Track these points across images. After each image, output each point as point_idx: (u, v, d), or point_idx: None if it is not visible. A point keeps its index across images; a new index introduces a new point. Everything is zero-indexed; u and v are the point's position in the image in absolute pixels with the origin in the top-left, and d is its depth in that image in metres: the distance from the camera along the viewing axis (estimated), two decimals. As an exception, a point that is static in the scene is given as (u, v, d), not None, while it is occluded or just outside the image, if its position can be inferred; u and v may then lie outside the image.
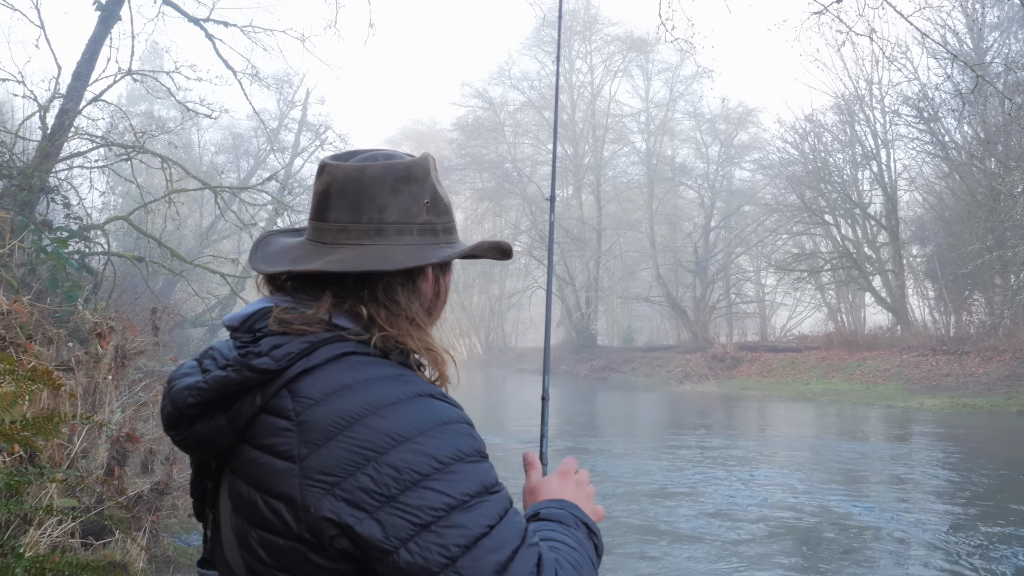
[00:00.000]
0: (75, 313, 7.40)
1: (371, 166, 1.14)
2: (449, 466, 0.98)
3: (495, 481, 1.03)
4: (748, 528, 8.15)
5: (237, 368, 1.03)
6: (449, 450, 0.99)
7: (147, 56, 29.42)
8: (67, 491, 4.71)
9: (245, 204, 18.05)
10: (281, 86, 30.46)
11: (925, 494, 9.92)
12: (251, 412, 1.03)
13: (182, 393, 1.05)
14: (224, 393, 1.03)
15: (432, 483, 0.97)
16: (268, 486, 1.00)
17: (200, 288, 20.45)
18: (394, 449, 0.97)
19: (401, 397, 1.02)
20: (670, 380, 31.54)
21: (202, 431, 1.06)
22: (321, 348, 1.05)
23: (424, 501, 0.96)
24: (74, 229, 12.34)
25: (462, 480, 0.98)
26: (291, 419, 1.01)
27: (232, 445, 1.05)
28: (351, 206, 1.13)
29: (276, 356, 1.03)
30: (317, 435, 0.98)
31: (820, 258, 34.24)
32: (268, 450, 1.01)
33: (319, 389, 1.02)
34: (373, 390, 1.02)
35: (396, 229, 1.14)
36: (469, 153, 45.81)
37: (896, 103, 29.90)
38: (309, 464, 0.97)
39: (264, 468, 1.00)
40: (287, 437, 1.00)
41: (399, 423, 0.99)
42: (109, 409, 5.83)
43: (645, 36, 40.35)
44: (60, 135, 12.78)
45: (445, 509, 0.96)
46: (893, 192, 30.88)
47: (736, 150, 41.14)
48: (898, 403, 21.79)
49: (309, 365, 1.03)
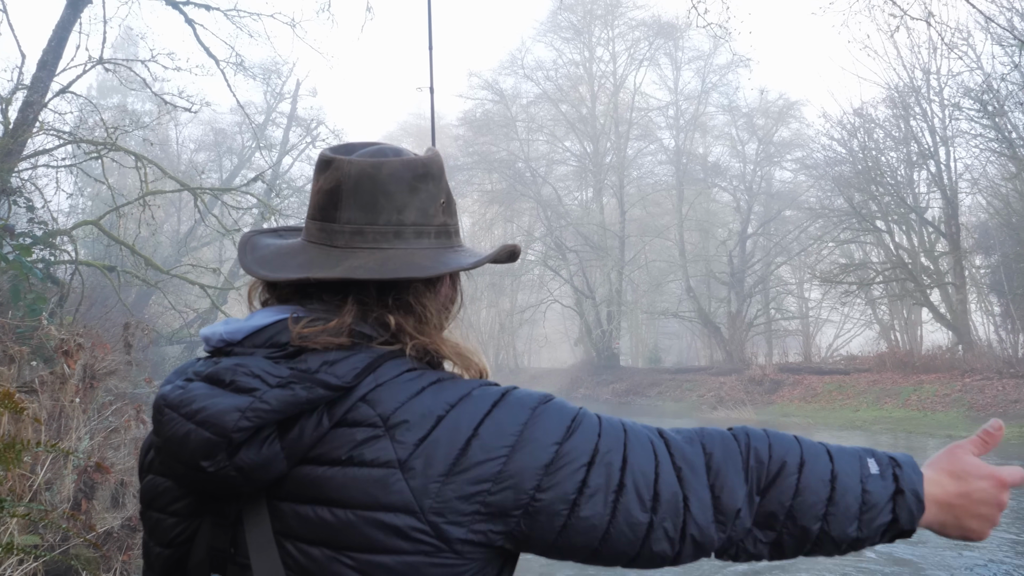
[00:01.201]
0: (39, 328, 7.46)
1: (388, 162, 1.16)
2: (534, 410, 1.09)
3: (574, 407, 1.14)
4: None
5: (307, 385, 1.03)
6: (525, 404, 1.10)
7: (120, 43, 29.74)
8: (29, 527, 4.74)
9: (228, 207, 18.17)
10: (268, 76, 30.73)
11: (993, 541, 9.80)
12: (318, 434, 1.04)
13: (230, 416, 1.01)
14: (289, 413, 1.03)
15: (529, 431, 1.07)
16: (369, 499, 1.02)
17: (177, 301, 20.59)
18: (482, 425, 1.06)
19: (470, 387, 1.11)
20: (702, 405, 31.42)
21: (248, 460, 1.02)
22: (388, 363, 1.10)
23: (534, 446, 1.06)
24: (38, 235, 12.45)
25: (550, 419, 1.09)
26: (378, 425, 1.04)
27: (283, 473, 1.05)
28: (367, 206, 1.15)
29: (339, 373, 1.05)
30: (412, 435, 1.04)
31: (871, 269, 34.09)
32: (355, 462, 1.03)
33: (397, 398, 1.07)
34: (447, 390, 1.10)
35: (415, 231, 1.17)
36: (477, 151, 45.97)
37: (957, 95, 29.80)
38: (414, 463, 1.02)
39: (357, 482, 1.02)
40: (377, 444, 1.04)
41: (477, 404, 1.08)
42: (76, 435, 5.86)
43: (674, 20, 40.47)
44: (23, 130, 12.92)
45: (557, 442, 1.07)
46: (953, 195, 30.73)
47: (776, 148, 41.10)
48: (959, 432, 21.60)
49: (380, 381, 1.08)
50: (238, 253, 1.23)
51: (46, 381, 5.48)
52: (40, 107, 13.62)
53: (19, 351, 5.56)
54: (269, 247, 1.22)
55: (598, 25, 44.88)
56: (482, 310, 53.88)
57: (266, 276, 1.16)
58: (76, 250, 15.30)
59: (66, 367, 5.56)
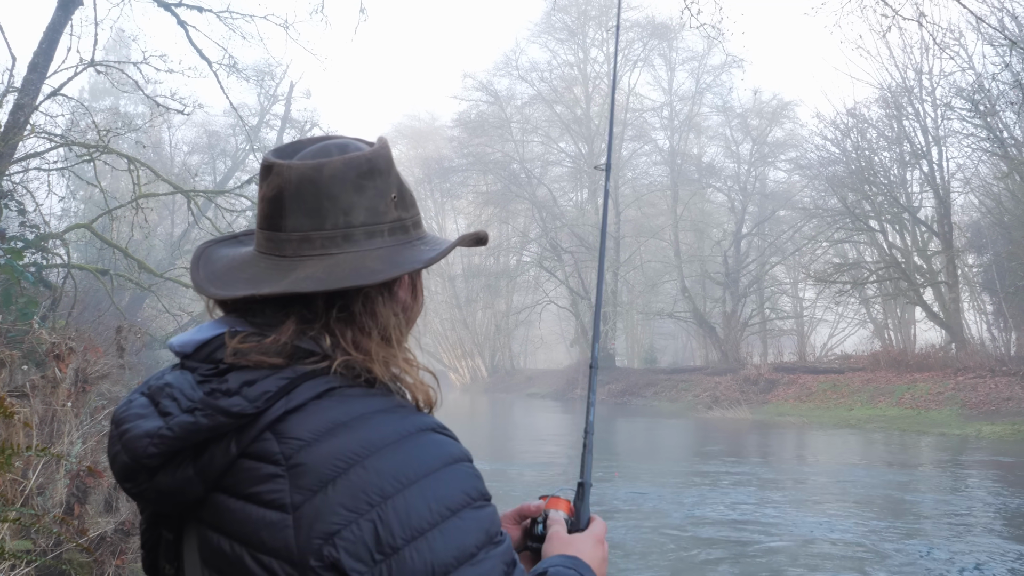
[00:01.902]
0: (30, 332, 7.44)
1: (328, 163, 1.10)
2: (458, 512, 0.99)
3: (499, 529, 1.04)
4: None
5: (208, 413, 0.99)
6: (457, 495, 1.00)
7: (112, 45, 29.69)
8: (21, 532, 4.72)
9: (222, 210, 18.12)
10: (262, 78, 30.67)
11: (987, 535, 9.84)
12: (226, 460, 1.00)
13: (140, 442, 1.01)
14: (192, 441, 1.00)
15: (440, 533, 0.97)
16: (257, 540, 0.97)
17: (171, 304, 20.53)
18: (399, 494, 0.97)
19: (402, 434, 1.02)
20: (697, 405, 31.45)
21: (165, 483, 1.01)
22: (302, 385, 1.03)
23: (433, 555, 0.96)
24: (30, 239, 12.41)
25: (471, 530, 0.99)
26: (280, 464, 0.98)
27: (200, 497, 1.02)
28: (311, 211, 1.09)
29: (251, 396, 1.00)
30: (312, 480, 0.97)
31: (865, 268, 34.17)
32: (254, 499, 0.99)
33: (309, 429, 1.00)
34: (370, 427, 1.01)
35: (365, 232, 1.11)
36: (472, 152, 45.98)
37: (949, 95, 29.90)
38: (305, 513, 0.96)
39: (251, 520, 0.98)
40: (277, 484, 0.98)
41: (402, 464, 0.99)
42: (68, 440, 5.85)
43: (668, 21, 40.56)
44: (14, 133, 12.87)
45: (455, 563, 0.97)
46: (946, 194, 30.84)
47: (770, 148, 41.20)
48: (953, 431, 21.67)
49: (291, 405, 1.01)
50: (191, 268, 1.18)
51: (38, 385, 5.47)
52: (31, 110, 13.57)
53: (10, 355, 5.54)
54: (223, 259, 1.18)
55: (592, 26, 44.98)
56: (478, 312, 53.89)
57: (214, 294, 1.12)
58: (68, 253, 15.23)
59: (58, 371, 5.55)
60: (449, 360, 57.21)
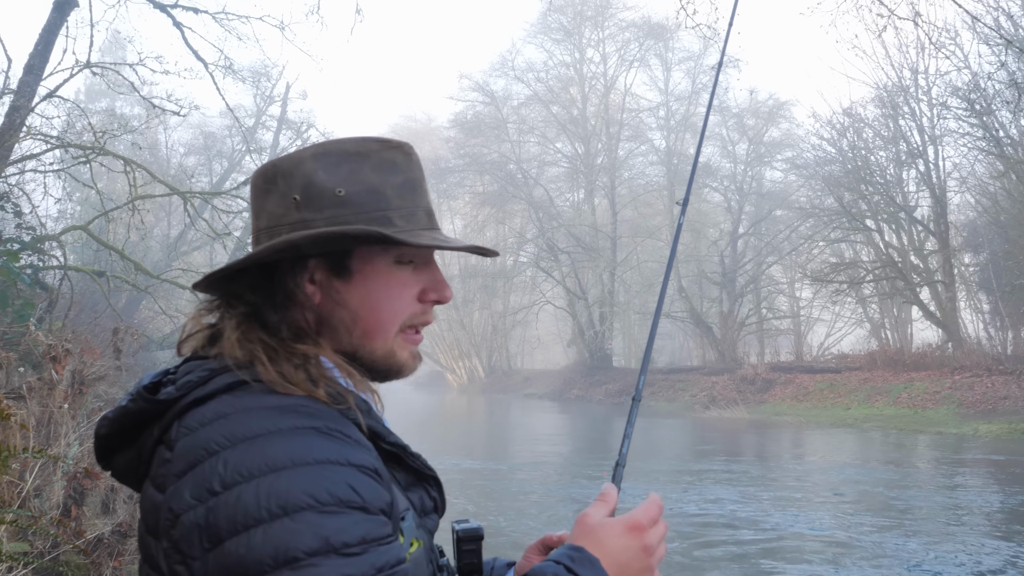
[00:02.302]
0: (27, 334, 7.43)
1: (254, 173, 1.19)
2: (292, 514, 0.92)
3: (358, 541, 0.93)
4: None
5: (133, 398, 1.08)
6: (298, 495, 0.93)
7: (108, 47, 29.67)
8: (18, 534, 4.72)
9: (218, 211, 18.12)
10: (258, 79, 30.67)
11: (979, 535, 9.87)
12: (151, 444, 1.06)
13: (100, 423, 1.11)
14: (124, 424, 1.08)
15: (263, 531, 0.92)
16: (147, 521, 1.02)
17: (168, 306, 20.50)
18: (236, 487, 0.94)
19: (271, 430, 0.99)
20: (694, 405, 31.49)
21: (120, 464, 1.11)
22: (220, 375, 1.06)
23: (249, 551, 0.91)
24: (26, 240, 12.40)
25: (301, 532, 0.91)
26: (171, 449, 1.02)
27: (143, 478, 1.08)
28: (254, 218, 1.19)
29: (179, 384, 1.06)
30: (179, 466, 0.99)
31: (861, 268, 34.22)
32: (153, 482, 1.03)
33: (198, 419, 1.02)
34: (244, 421, 1.00)
35: (268, 234, 1.14)
36: (468, 153, 45.96)
37: (945, 94, 29.99)
38: (168, 497, 0.98)
39: (146, 502, 1.03)
40: (165, 468, 1.01)
41: (252, 458, 0.96)
42: (65, 442, 5.85)
43: (664, 21, 40.57)
44: (10, 135, 12.86)
45: (271, 564, 0.90)
46: (942, 194, 30.90)
47: (766, 148, 41.24)
48: (950, 429, 21.71)
49: (202, 394, 1.04)
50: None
51: (34, 387, 5.47)
52: (27, 111, 13.55)
53: (6, 357, 5.54)
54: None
55: (588, 26, 44.96)
56: (475, 312, 53.87)
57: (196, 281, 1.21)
58: (65, 255, 15.23)
59: (54, 373, 5.55)
60: (446, 361, 57.21)
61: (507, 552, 1.40)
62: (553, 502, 12.46)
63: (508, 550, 1.37)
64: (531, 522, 10.71)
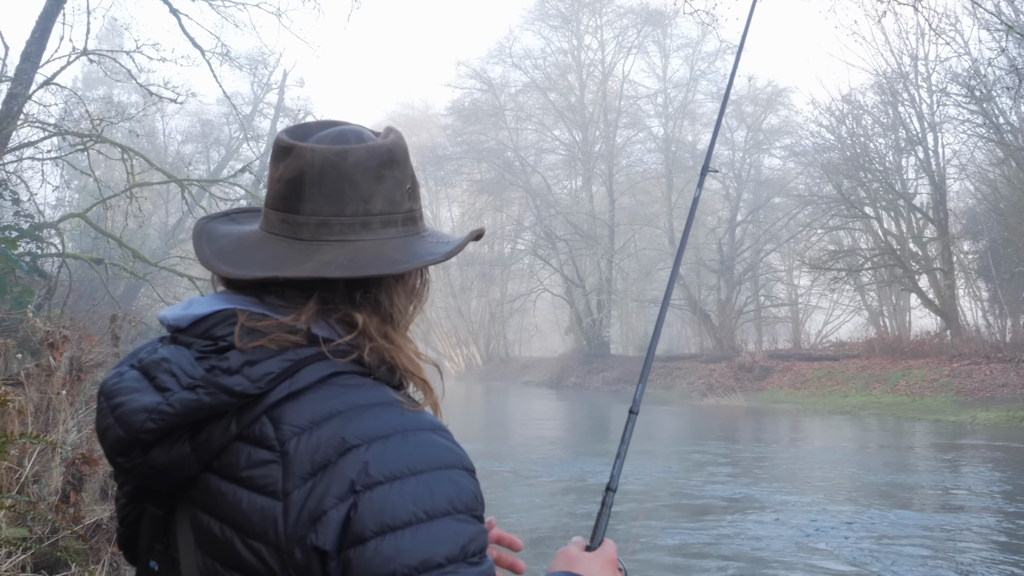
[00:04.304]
0: (24, 321, 7.43)
1: (353, 150, 1.10)
2: (436, 519, 0.97)
3: (480, 549, 1.00)
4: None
5: (210, 391, 0.99)
6: (440, 501, 0.98)
7: (105, 34, 29.58)
8: (17, 519, 4.73)
9: (216, 199, 18.09)
10: (255, 67, 30.57)
11: (979, 529, 9.91)
12: (224, 440, 1.00)
13: (137, 416, 1.00)
14: (193, 418, 0.99)
15: (411, 534, 0.95)
16: (247, 525, 0.98)
17: (166, 293, 20.50)
18: (380, 486, 0.96)
19: (398, 429, 1.01)
20: (692, 393, 31.54)
21: (160, 459, 1.01)
22: (305, 368, 1.03)
23: (397, 554, 0.94)
24: (24, 228, 12.40)
25: (444, 539, 0.96)
26: (274, 449, 0.98)
27: (194, 475, 1.02)
28: (332, 196, 1.09)
29: (253, 376, 0.99)
30: (305, 468, 0.97)
31: (860, 255, 34.22)
32: (246, 484, 0.99)
33: (306, 417, 1.00)
34: (367, 418, 1.01)
35: (382, 221, 1.11)
36: (466, 140, 45.88)
37: (944, 81, 29.90)
38: (294, 500, 0.96)
39: (242, 505, 0.98)
40: (269, 470, 0.98)
41: (392, 458, 0.98)
42: (64, 428, 5.85)
43: (662, 8, 40.44)
44: (8, 123, 12.83)
45: (419, 568, 0.94)
46: (941, 181, 30.87)
47: (765, 135, 41.17)
48: (948, 417, 21.77)
49: (293, 388, 1.01)
50: (194, 244, 1.16)
51: (32, 374, 5.47)
52: (24, 99, 13.52)
53: (4, 344, 5.53)
54: (227, 236, 1.16)
55: (586, 13, 44.79)
56: (472, 300, 53.90)
57: (227, 273, 1.10)
58: (63, 243, 15.21)
59: (52, 359, 5.54)
60: (444, 348, 57.26)
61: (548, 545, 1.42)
62: (552, 484, 12.50)
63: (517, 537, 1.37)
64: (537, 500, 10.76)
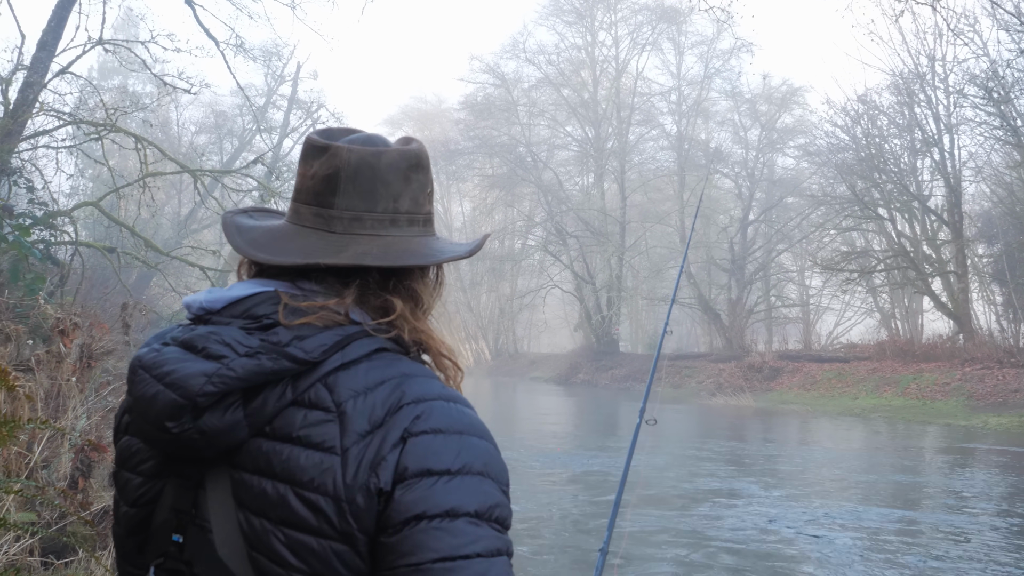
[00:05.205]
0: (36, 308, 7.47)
1: (388, 152, 1.20)
2: (469, 475, 1.06)
3: (504, 520, 1.08)
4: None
5: (273, 356, 1.06)
6: (479, 464, 1.08)
7: (120, 24, 29.67)
8: (25, 504, 4.76)
9: (228, 190, 18.14)
10: (269, 58, 30.59)
11: (990, 532, 9.86)
12: (279, 406, 1.07)
13: (196, 380, 1.05)
14: (254, 382, 1.06)
15: (451, 480, 1.04)
16: (305, 479, 1.04)
17: (178, 282, 20.62)
18: (425, 435, 1.06)
19: (445, 396, 1.12)
20: (701, 392, 31.48)
21: (212, 424, 1.06)
22: (355, 342, 1.12)
23: (430, 494, 1.03)
24: (38, 216, 12.46)
25: (477, 494, 1.05)
26: (331, 411, 1.07)
27: (243, 441, 1.08)
28: (365, 193, 1.18)
29: (307, 348, 1.08)
30: (363, 426, 1.05)
31: (872, 257, 34.07)
32: (302, 442, 1.05)
33: (360, 383, 1.09)
34: (417, 383, 1.11)
35: (408, 219, 1.21)
36: (478, 135, 45.85)
37: (962, 82, 29.65)
38: (353, 454, 1.04)
39: (299, 461, 1.05)
40: (327, 428, 1.05)
41: (438, 416, 1.08)
42: (73, 415, 5.88)
43: (677, 4, 40.31)
44: (23, 111, 12.90)
45: (448, 513, 1.03)
46: (957, 183, 30.67)
47: (779, 134, 40.98)
48: (959, 421, 21.65)
49: (345, 360, 1.10)
50: (226, 234, 1.25)
51: (43, 360, 5.50)
52: (40, 88, 13.59)
53: (15, 330, 5.56)
54: (256, 229, 1.24)
55: (600, 9, 44.67)
56: (482, 295, 53.93)
57: (267, 260, 1.18)
58: (76, 231, 15.29)
59: (62, 346, 5.57)
60: (453, 342, 57.21)
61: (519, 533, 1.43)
62: (561, 477, 12.52)
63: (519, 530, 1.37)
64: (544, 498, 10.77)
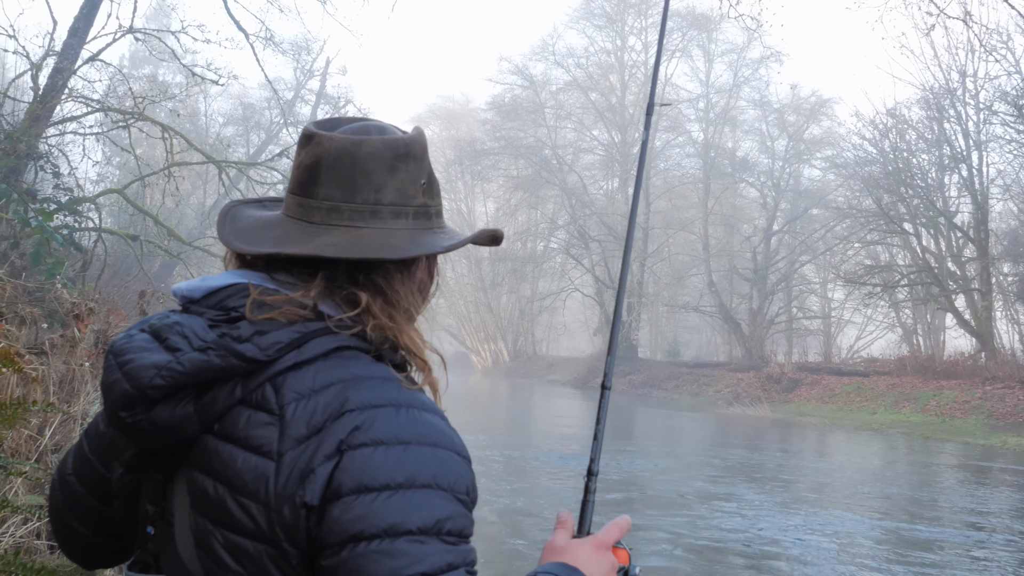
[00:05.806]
0: (52, 291, 7.52)
1: (368, 140, 1.14)
2: (413, 489, 1.00)
3: (458, 531, 1.01)
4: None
5: (221, 353, 1.03)
6: (424, 474, 1.01)
7: (152, 14, 29.92)
8: (35, 487, 4.78)
9: (253, 182, 18.26)
10: (298, 53, 30.83)
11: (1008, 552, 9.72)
12: (228, 403, 1.04)
13: (147, 372, 1.03)
14: (202, 379, 1.03)
15: (387, 498, 0.98)
16: (240, 483, 1.01)
17: (200, 273, 20.70)
18: (366, 448, 1.00)
19: (395, 402, 1.05)
20: (718, 401, 31.30)
21: (163, 417, 1.04)
22: (313, 340, 1.07)
23: (368, 513, 0.97)
24: (63, 201, 12.56)
25: (421, 507, 0.99)
26: (274, 413, 1.03)
27: (194, 436, 1.06)
28: (345, 183, 1.13)
29: (263, 345, 1.04)
30: (301, 431, 1.01)
31: (896, 272, 33.74)
32: (242, 444, 1.02)
33: (307, 385, 1.04)
34: (367, 388, 1.05)
35: (392, 212, 1.15)
36: (504, 136, 45.89)
37: (992, 99, 29.37)
38: (287, 461, 1.00)
39: (236, 463, 1.02)
40: (266, 431, 1.02)
41: (381, 426, 1.02)
42: (86, 400, 5.91)
43: (708, 12, 40.14)
44: (53, 97, 13.03)
45: (389, 531, 0.97)
46: (984, 200, 30.31)
47: (806, 145, 40.71)
48: (977, 440, 21.38)
49: (300, 359, 1.05)
50: (217, 223, 1.22)
51: (57, 344, 5.53)
52: (70, 74, 13.73)
53: (31, 313, 5.60)
54: (249, 219, 1.22)
55: (631, 14, 44.61)
56: (502, 296, 53.94)
57: (239, 248, 1.15)
58: (100, 218, 15.42)
59: (77, 331, 5.60)
60: (472, 343, 57.34)
61: (527, 527, 1.38)
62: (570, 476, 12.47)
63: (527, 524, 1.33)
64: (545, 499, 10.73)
